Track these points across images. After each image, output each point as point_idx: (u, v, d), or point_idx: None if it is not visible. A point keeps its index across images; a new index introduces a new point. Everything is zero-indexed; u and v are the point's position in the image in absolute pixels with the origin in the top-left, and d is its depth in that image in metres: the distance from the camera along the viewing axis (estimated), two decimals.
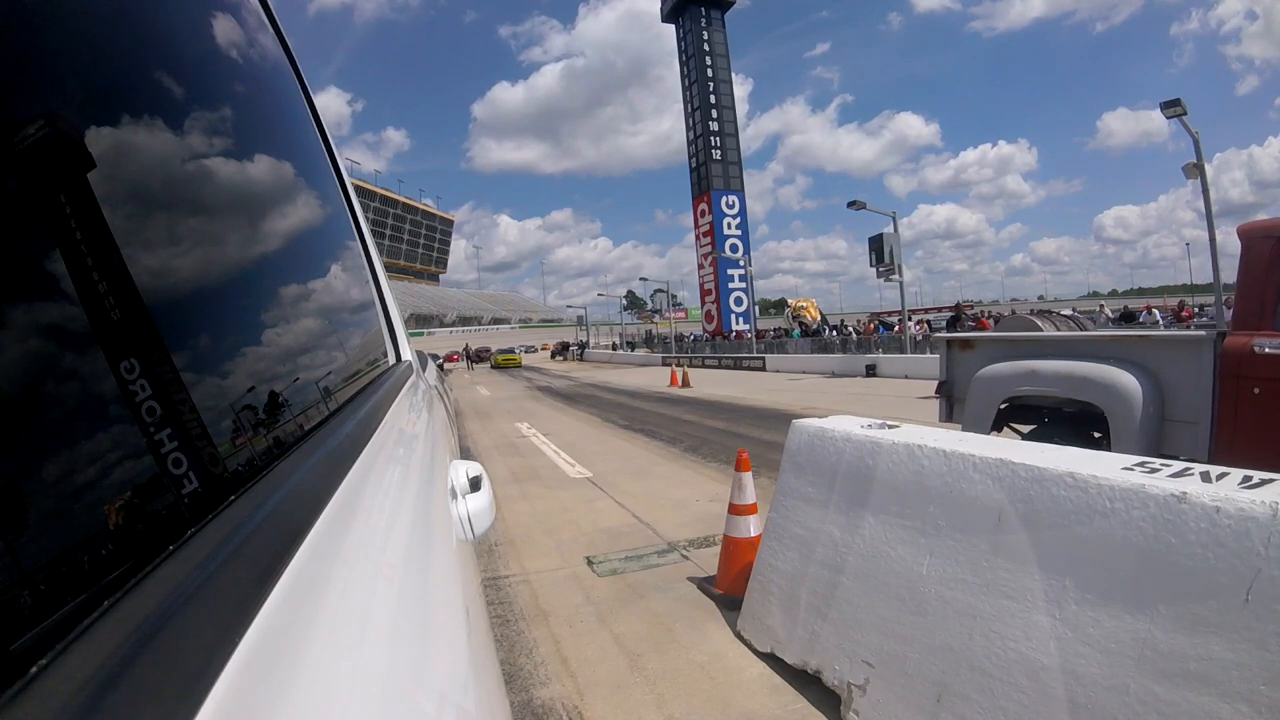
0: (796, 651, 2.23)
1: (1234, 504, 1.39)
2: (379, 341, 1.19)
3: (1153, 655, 1.42)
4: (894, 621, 1.90)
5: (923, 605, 1.84)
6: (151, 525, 0.29)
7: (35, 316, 0.25)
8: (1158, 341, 3.64)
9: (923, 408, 9.09)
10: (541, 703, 2.23)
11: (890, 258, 18.16)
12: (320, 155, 1.08)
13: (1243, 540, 1.34)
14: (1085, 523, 1.58)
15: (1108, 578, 1.53)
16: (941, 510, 1.88)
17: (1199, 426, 3.29)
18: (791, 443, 2.56)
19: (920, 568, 1.88)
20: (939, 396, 4.85)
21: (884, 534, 2.02)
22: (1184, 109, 12.86)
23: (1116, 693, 1.45)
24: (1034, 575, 1.65)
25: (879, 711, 1.88)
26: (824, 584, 2.18)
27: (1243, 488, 1.45)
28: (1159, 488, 1.49)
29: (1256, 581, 1.32)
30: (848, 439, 2.28)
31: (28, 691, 0.18)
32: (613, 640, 2.68)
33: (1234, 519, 1.38)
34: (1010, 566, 1.69)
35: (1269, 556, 1.32)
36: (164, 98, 0.43)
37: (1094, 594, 1.54)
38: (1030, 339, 4.32)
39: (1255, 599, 1.32)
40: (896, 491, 2.03)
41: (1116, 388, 3.52)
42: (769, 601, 2.42)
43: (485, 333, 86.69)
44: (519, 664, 2.51)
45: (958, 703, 1.70)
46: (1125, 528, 1.51)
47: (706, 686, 2.27)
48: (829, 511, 2.26)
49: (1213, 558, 1.38)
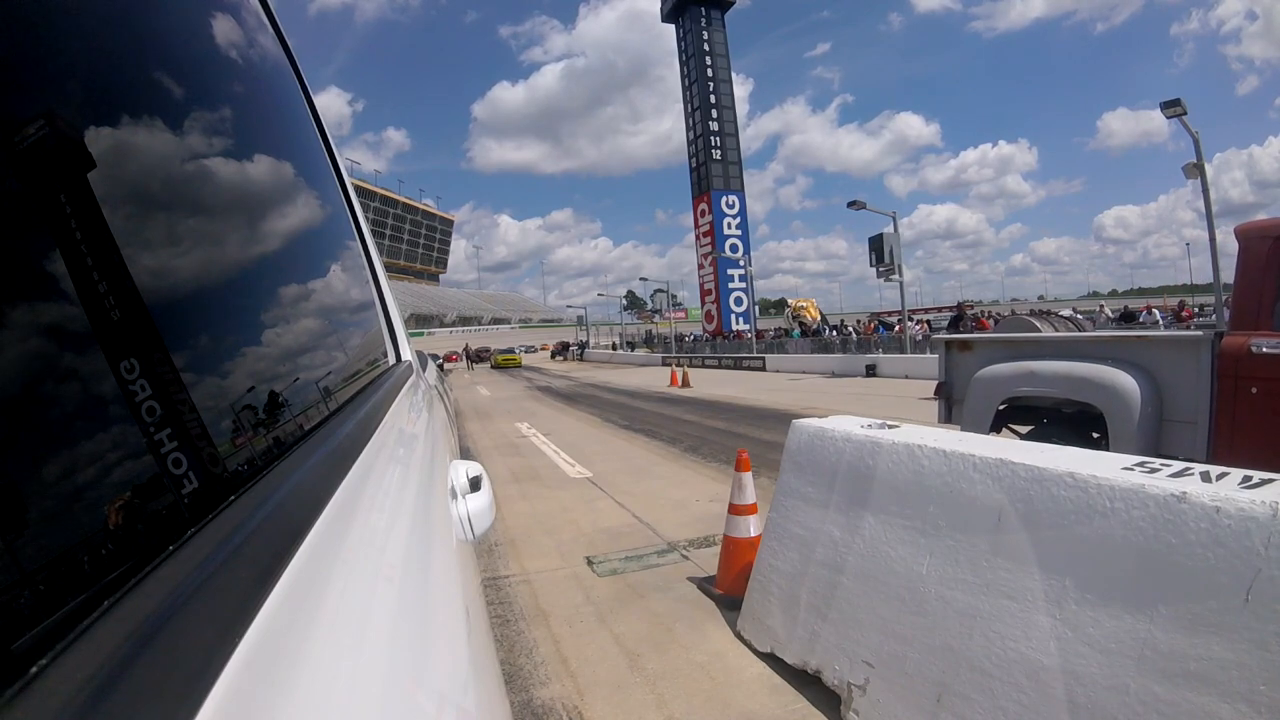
0: (796, 651, 2.23)
1: (1234, 504, 1.39)
2: (379, 342, 1.19)
3: (1153, 655, 1.42)
4: (894, 621, 1.90)
5: (923, 605, 1.84)
6: (151, 525, 0.29)
7: (35, 316, 0.25)
8: (1156, 342, 3.64)
9: (923, 408, 9.08)
10: (541, 703, 2.22)
11: (890, 257, 18.16)
12: (320, 155, 1.08)
13: (1243, 540, 1.34)
14: (1085, 523, 1.58)
15: (1108, 578, 1.53)
16: (941, 510, 1.88)
17: (1197, 426, 3.30)
18: (791, 443, 2.56)
19: (920, 568, 1.88)
20: (938, 398, 4.85)
21: (884, 534, 2.02)
22: (1184, 109, 12.86)
23: (1116, 693, 1.44)
24: (1034, 575, 1.65)
25: (879, 711, 1.87)
26: (824, 584, 2.18)
27: (1243, 488, 1.45)
28: (1159, 488, 1.48)
29: (1256, 581, 1.32)
30: (848, 439, 2.28)
31: (28, 691, 0.18)
32: (613, 640, 2.68)
33: (1234, 519, 1.38)
34: (1010, 566, 1.69)
35: (1269, 557, 1.32)
36: (164, 98, 0.43)
37: (1094, 594, 1.54)
38: (1029, 340, 4.32)
39: (1255, 599, 1.32)
40: (896, 491, 2.03)
41: (1115, 388, 3.52)
42: (769, 601, 2.42)
43: (485, 333, 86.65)
44: (519, 664, 2.51)
45: (958, 703, 1.70)
46: (1125, 528, 1.51)
47: (706, 686, 2.27)
48: (829, 511, 2.26)
49: (1213, 558, 1.38)
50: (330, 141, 1.21)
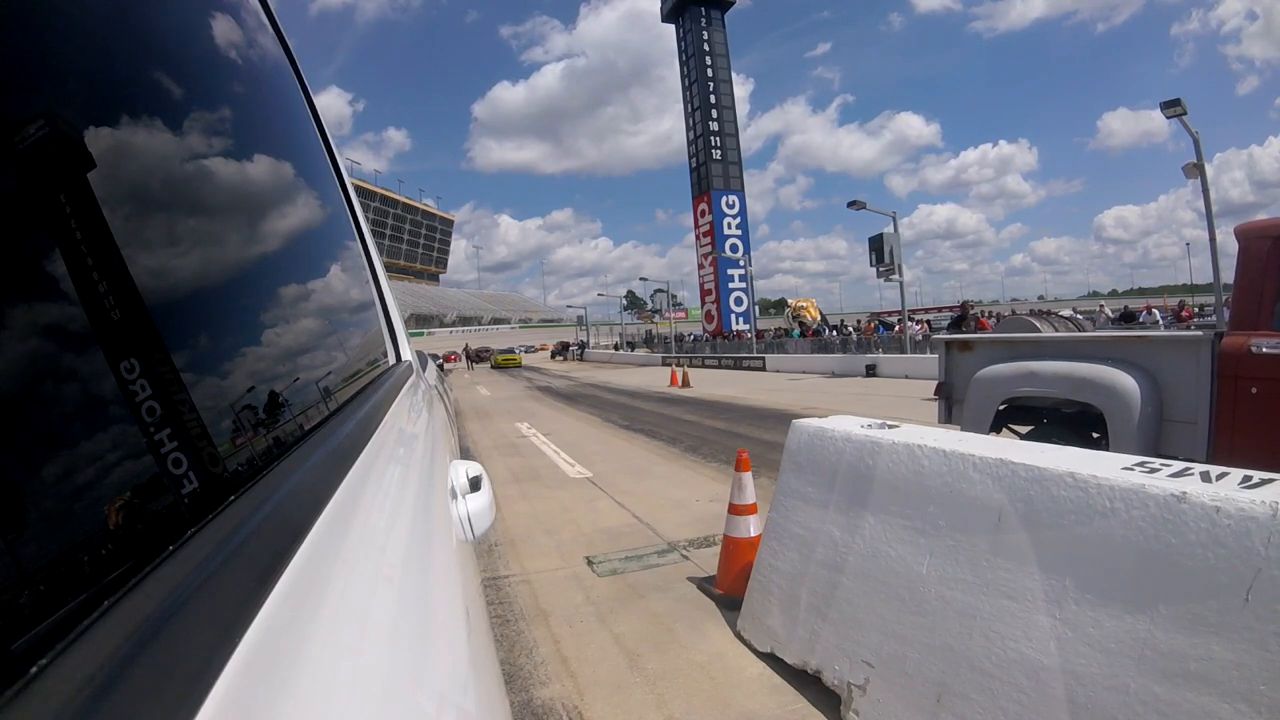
0: (796, 651, 2.23)
1: (1234, 504, 1.39)
2: (379, 342, 1.19)
3: (1153, 655, 1.42)
4: (894, 621, 1.90)
5: (922, 605, 1.84)
6: (151, 525, 0.29)
7: (35, 316, 0.25)
8: (1156, 342, 3.65)
9: (923, 408, 9.08)
10: (541, 702, 2.22)
11: (890, 257, 18.16)
12: (320, 155, 1.08)
13: (1243, 540, 1.34)
14: (1085, 523, 1.58)
15: (1107, 578, 1.53)
16: (941, 510, 1.88)
17: (1197, 426, 3.30)
18: (791, 443, 2.56)
19: (920, 568, 1.88)
20: (938, 398, 4.86)
21: (884, 534, 2.02)
22: (1184, 109, 12.85)
23: (1116, 693, 1.44)
24: (1034, 575, 1.65)
25: (879, 711, 1.87)
26: (824, 584, 2.18)
27: (1243, 488, 1.45)
28: (1159, 488, 1.49)
29: (1257, 581, 1.32)
30: (848, 439, 2.28)
31: (28, 691, 0.18)
32: (613, 640, 2.68)
33: (1234, 519, 1.38)
34: (1010, 566, 1.69)
35: (1269, 556, 1.32)
36: (164, 98, 0.43)
37: (1094, 594, 1.54)
38: (1029, 340, 4.33)
39: (1255, 599, 1.32)
40: (896, 491, 2.03)
41: (1115, 388, 3.53)
42: (769, 601, 2.42)
43: (485, 333, 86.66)
44: (519, 664, 2.51)
45: (958, 702, 1.70)
46: (1125, 528, 1.51)
47: (706, 686, 2.27)
48: (829, 511, 2.26)
49: (1213, 558, 1.38)
50: (330, 141, 1.20)
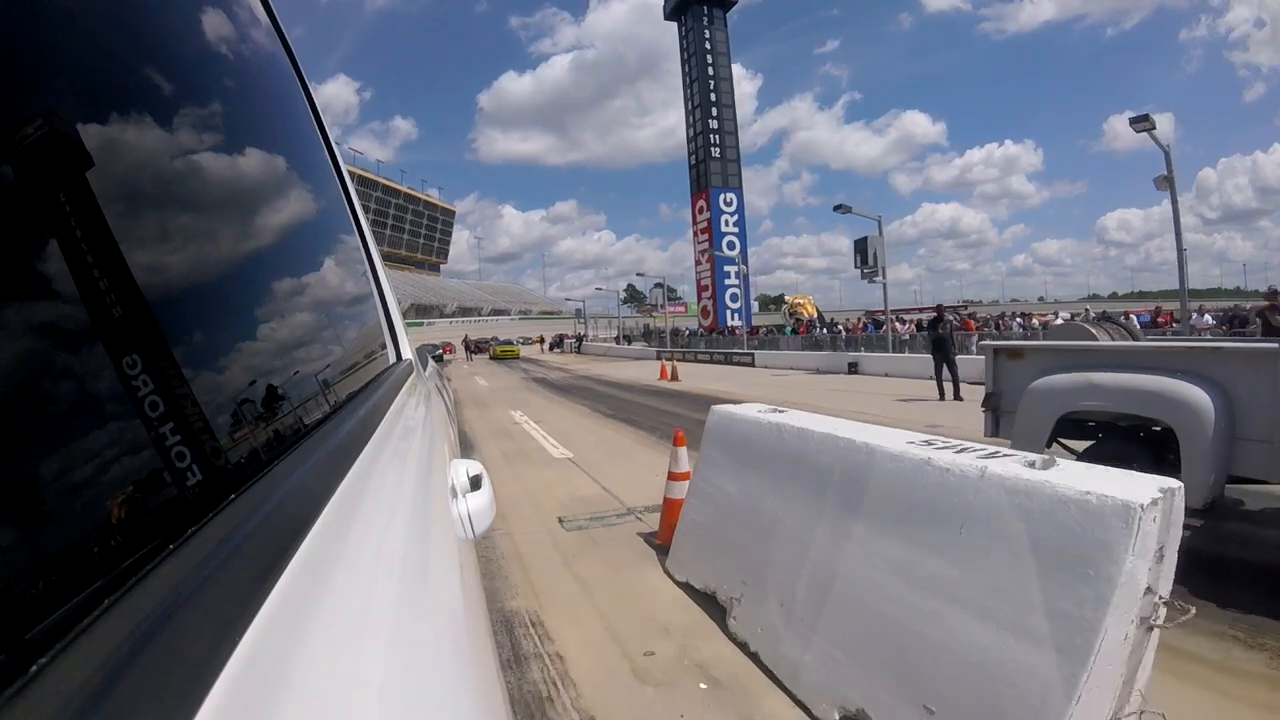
0: (701, 578, 3.00)
1: (959, 466, 2.14)
2: (379, 341, 1.20)
3: (903, 566, 2.17)
4: (759, 551, 2.66)
5: (775, 538, 2.60)
6: (151, 524, 0.29)
7: (36, 315, 0.25)
8: (1229, 353, 3.36)
9: (892, 406, 9.78)
10: (512, 610, 3.00)
11: (874, 260, 18.89)
12: (319, 150, 1.08)
13: (962, 491, 2.09)
14: (876, 479, 2.33)
15: (887, 515, 2.28)
16: (793, 470, 2.64)
17: (1274, 445, 3.04)
18: (710, 422, 3.33)
19: (778, 511, 2.64)
20: (986, 410, 4.42)
21: (758, 488, 2.79)
22: (1153, 124, 13.51)
23: (880, 586, 2.20)
24: (846, 516, 2.40)
25: (748, 615, 2.64)
26: (720, 527, 2.95)
27: (975, 457, 2.19)
28: (915, 455, 2.24)
29: (967, 520, 2.07)
30: (744, 419, 3.04)
31: (28, 690, 0.17)
32: (572, 578, 3.45)
33: (957, 476, 2.13)
34: (835, 509, 2.45)
35: (975, 503, 2.07)
36: (162, 94, 0.43)
37: (879, 526, 2.29)
38: (1086, 349, 4.03)
39: (965, 531, 2.07)
40: (767, 457, 2.79)
41: (1188, 404, 3.24)
42: (686, 543, 3.19)
43: (485, 324, 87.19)
44: (497, 589, 3.28)
45: (797, 608, 2.46)
46: (896, 480, 2.27)
47: (636, 605, 3.04)
48: (727, 473, 3.02)
49: (944, 503, 2.13)
50: (329, 134, 1.20)
